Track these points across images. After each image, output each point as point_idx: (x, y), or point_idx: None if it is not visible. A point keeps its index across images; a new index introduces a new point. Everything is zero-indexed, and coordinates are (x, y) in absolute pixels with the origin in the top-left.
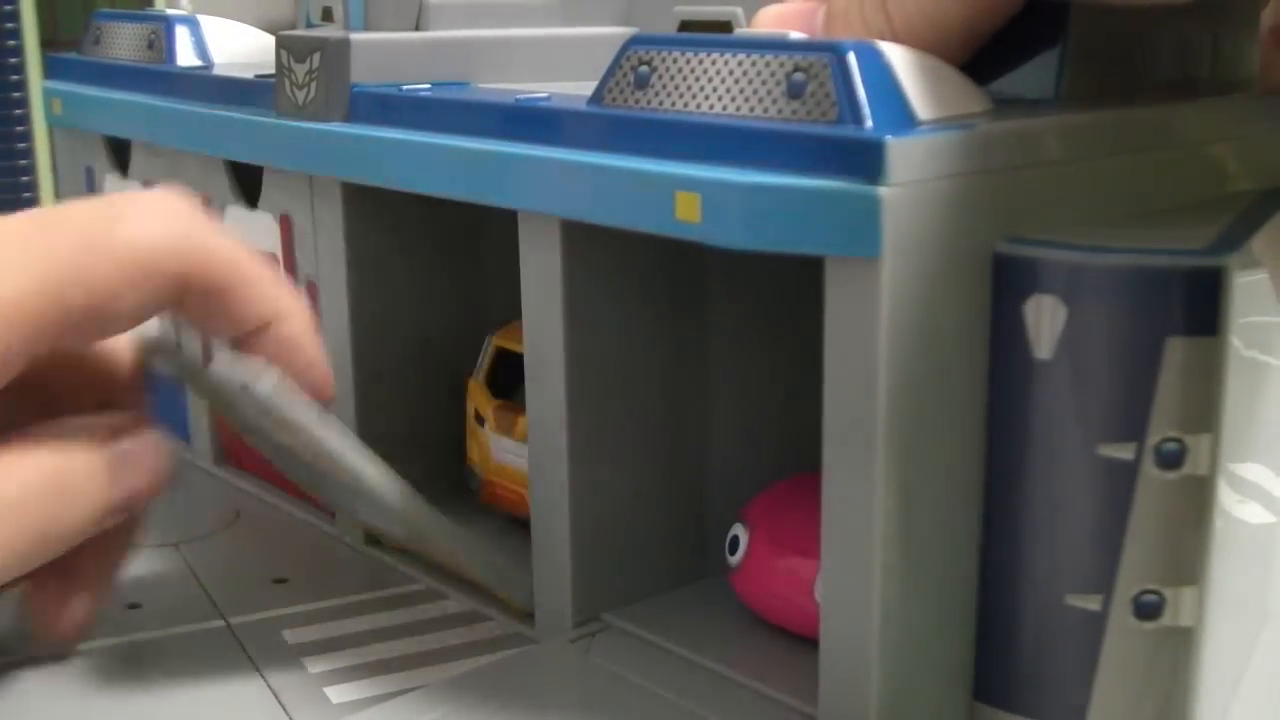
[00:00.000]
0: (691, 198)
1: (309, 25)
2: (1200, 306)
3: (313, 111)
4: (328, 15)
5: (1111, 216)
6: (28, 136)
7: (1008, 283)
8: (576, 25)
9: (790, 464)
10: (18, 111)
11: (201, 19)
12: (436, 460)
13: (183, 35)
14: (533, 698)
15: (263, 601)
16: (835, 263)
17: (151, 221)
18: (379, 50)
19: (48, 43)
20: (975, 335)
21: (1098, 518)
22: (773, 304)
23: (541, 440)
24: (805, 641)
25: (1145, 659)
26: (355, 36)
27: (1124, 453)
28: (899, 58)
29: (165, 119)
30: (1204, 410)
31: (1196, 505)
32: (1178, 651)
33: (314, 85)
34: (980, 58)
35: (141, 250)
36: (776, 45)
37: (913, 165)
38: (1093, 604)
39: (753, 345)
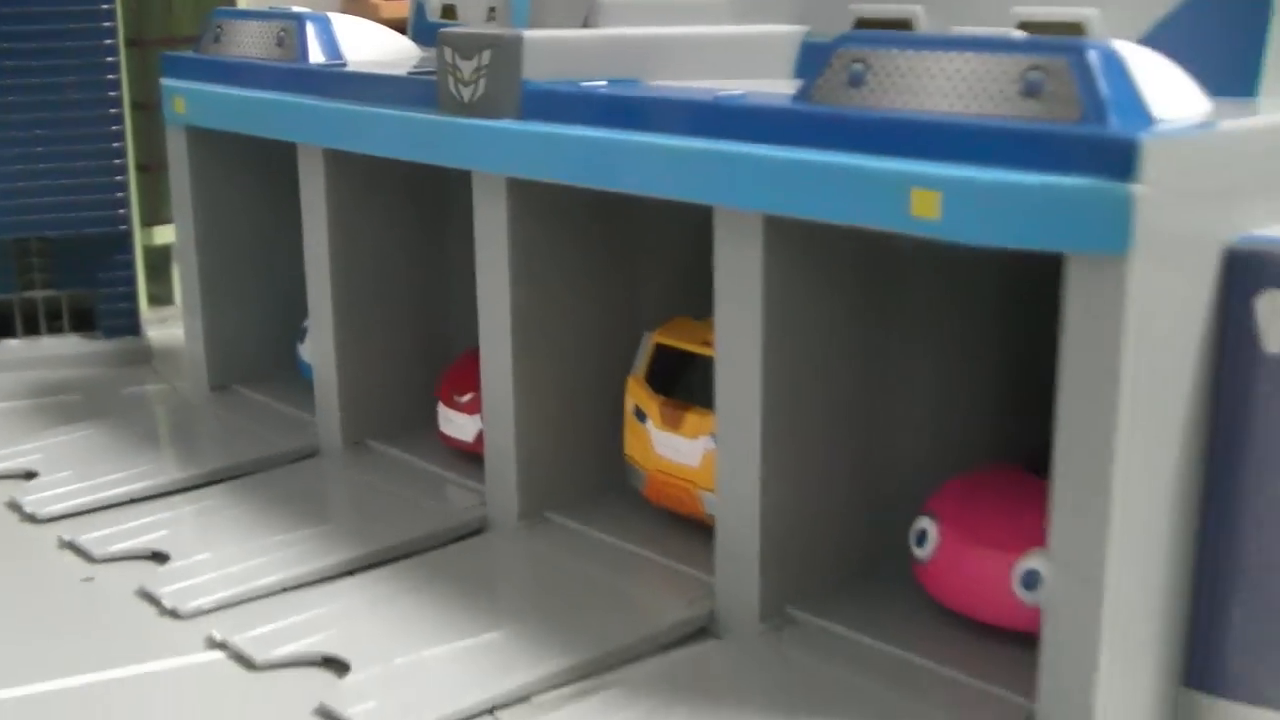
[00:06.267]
0: (930, 195)
1: (424, 23)
2: None
3: (481, 108)
4: (449, 13)
5: None
6: (121, 136)
7: (1239, 277)
8: (745, 23)
9: (972, 457)
10: (113, 111)
11: (333, 18)
12: (589, 454)
13: (314, 33)
14: (736, 692)
15: None
16: (1080, 260)
17: None
18: (552, 47)
19: (132, 42)
20: (1204, 329)
21: None
22: (960, 299)
23: (731, 437)
24: (1002, 632)
25: None
26: (528, 34)
27: None
28: (1133, 57)
29: (310, 117)
30: None
31: None
32: None
33: (482, 82)
34: (1177, 58)
35: None
36: (1008, 45)
37: (1160, 163)
38: None
39: (939, 341)
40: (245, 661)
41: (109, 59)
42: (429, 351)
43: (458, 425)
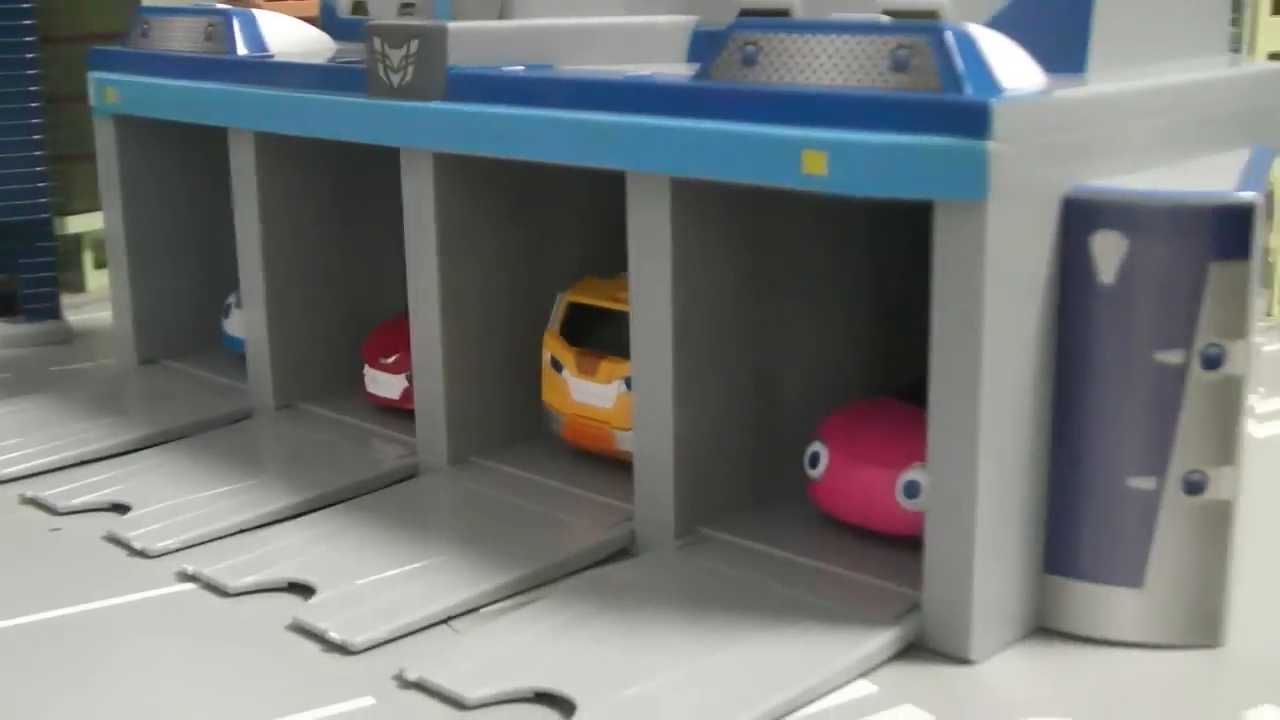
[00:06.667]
0: (818, 155)
1: (333, 19)
2: (1234, 235)
3: (409, 92)
4: (360, 9)
5: (1153, 165)
6: (42, 129)
7: (1077, 221)
8: (640, 14)
9: (853, 390)
10: (33, 105)
11: (256, 13)
12: (510, 404)
13: (239, 26)
14: (655, 596)
15: None
16: (946, 205)
17: None
18: (474, 36)
19: (45, 40)
20: (1050, 263)
21: (1154, 412)
22: (839, 253)
23: (646, 380)
24: (887, 538)
25: (1193, 528)
26: (452, 25)
27: (1175, 358)
28: (982, 37)
29: (246, 104)
30: (1239, 321)
31: (1234, 398)
32: (1219, 520)
33: (410, 69)
34: (1016, 39)
35: None
36: (879, 28)
37: (1009, 124)
38: (1149, 484)
39: (822, 289)
40: (218, 590)
41: (28, 55)
42: (352, 320)
43: (384, 384)
